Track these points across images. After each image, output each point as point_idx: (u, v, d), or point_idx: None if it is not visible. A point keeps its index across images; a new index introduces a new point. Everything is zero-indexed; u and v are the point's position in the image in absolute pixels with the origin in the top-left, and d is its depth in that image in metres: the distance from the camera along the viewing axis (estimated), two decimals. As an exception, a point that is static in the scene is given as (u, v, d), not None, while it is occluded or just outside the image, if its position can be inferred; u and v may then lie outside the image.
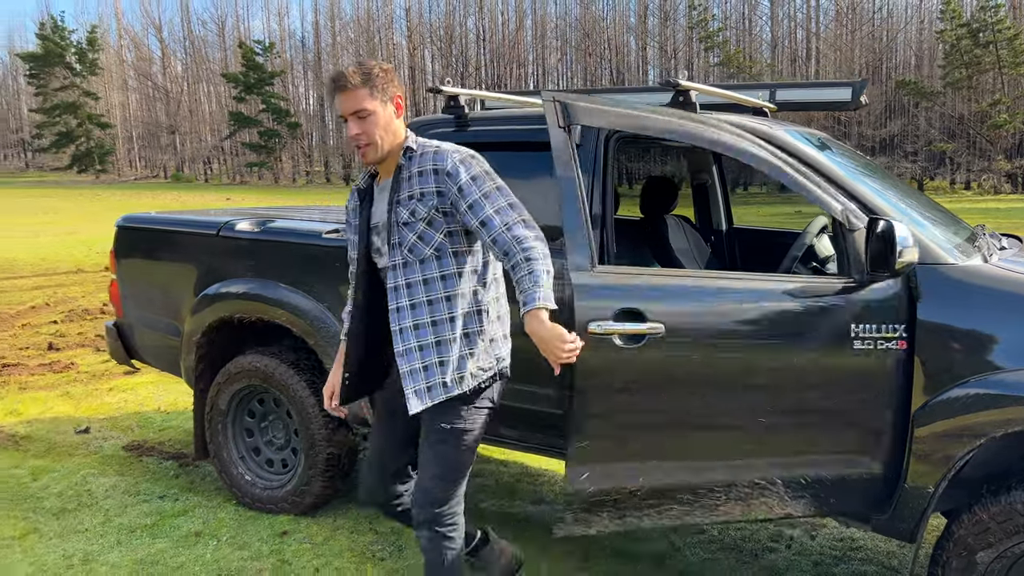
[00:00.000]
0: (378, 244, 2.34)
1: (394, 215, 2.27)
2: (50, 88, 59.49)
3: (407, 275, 2.27)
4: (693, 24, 48.05)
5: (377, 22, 61.36)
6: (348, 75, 2.20)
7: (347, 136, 2.25)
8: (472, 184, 2.22)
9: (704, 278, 2.63)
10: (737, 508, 2.56)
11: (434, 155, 2.26)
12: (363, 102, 2.20)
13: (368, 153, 2.24)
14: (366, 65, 2.23)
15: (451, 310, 2.26)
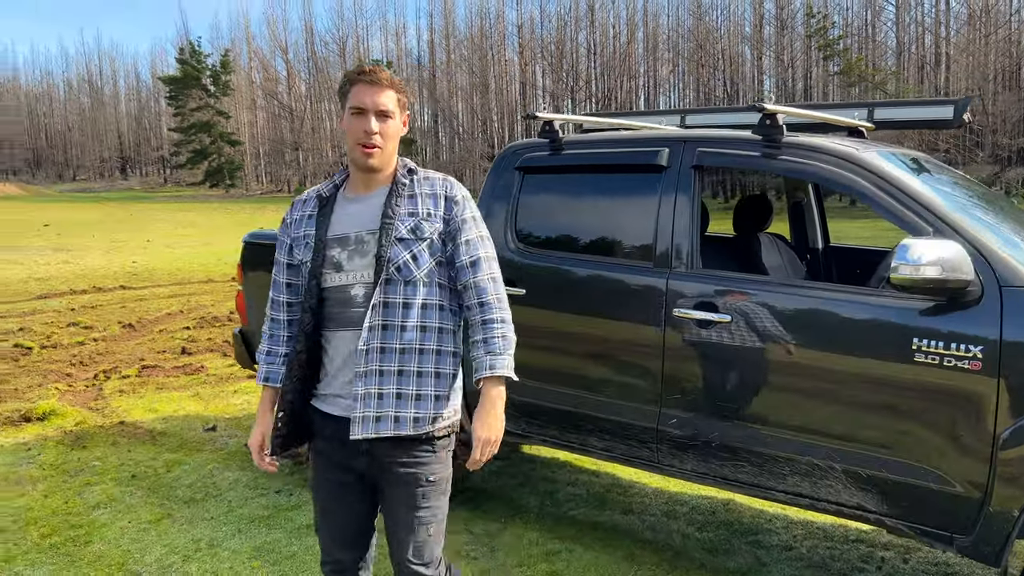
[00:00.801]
0: (339, 258, 2.10)
1: (392, 229, 2.06)
2: (187, 108, 63.73)
3: (387, 294, 2.05)
4: (811, 32, 46.64)
5: (490, 39, 62.60)
6: (381, 71, 2.09)
7: (355, 129, 2.06)
8: (474, 222, 2.15)
9: (767, 283, 2.99)
10: (805, 483, 2.78)
11: (443, 181, 2.17)
12: (391, 104, 2.08)
13: (374, 156, 2.07)
14: (394, 75, 2.14)
15: (424, 341, 2.08)
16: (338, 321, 2.10)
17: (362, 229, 2.10)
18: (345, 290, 2.09)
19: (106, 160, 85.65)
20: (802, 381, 2.77)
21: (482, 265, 2.13)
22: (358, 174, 2.14)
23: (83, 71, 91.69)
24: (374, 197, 2.13)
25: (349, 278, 2.08)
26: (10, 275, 13.50)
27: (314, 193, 2.21)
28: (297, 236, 2.18)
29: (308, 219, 2.17)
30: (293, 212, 2.22)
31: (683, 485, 4.20)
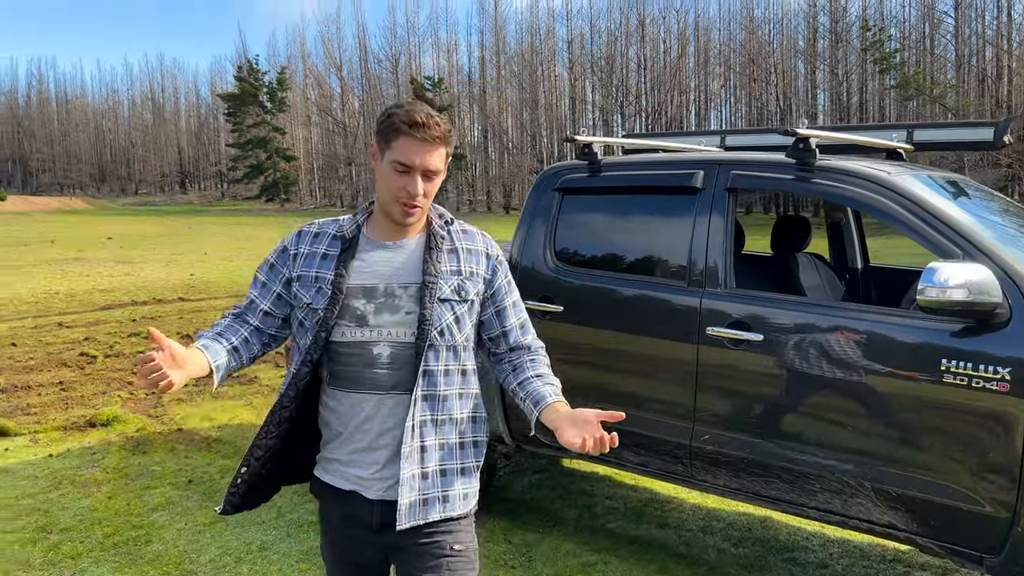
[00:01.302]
0: (363, 311, 1.82)
1: (435, 287, 1.83)
2: (244, 125, 65.45)
3: (429, 361, 1.82)
4: (867, 45, 45.89)
5: (540, 55, 63.03)
6: (434, 126, 1.79)
7: (396, 186, 1.80)
8: (513, 282, 2.02)
9: (800, 303, 3.06)
10: (836, 501, 2.82)
11: (483, 237, 1.98)
12: (440, 162, 1.83)
13: (414, 216, 1.83)
14: (443, 121, 1.83)
15: (463, 409, 1.90)
16: (354, 381, 1.83)
17: (393, 281, 1.84)
18: (366, 348, 1.81)
19: (167, 175, 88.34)
20: (833, 400, 2.83)
21: (530, 326, 2.02)
22: (388, 222, 1.87)
23: (146, 88, 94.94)
24: (406, 246, 1.88)
25: (373, 335, 1.81)
26: (77, 286, 14.07)
27: (331, 229, 1.92)
28: (305, 275, 1.87)
29: (323, 259, 1.87)
30: (300, 243, 1.92)
31: (720, 501, 4.25)
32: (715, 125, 60.79)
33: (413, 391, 1.80)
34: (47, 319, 10.60)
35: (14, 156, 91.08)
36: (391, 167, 1.80)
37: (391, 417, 1.83)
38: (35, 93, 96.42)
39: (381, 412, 1.83)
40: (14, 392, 6.70)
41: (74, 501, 4.32)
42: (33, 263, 18.36)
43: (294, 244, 1.93)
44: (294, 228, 1.92)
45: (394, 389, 1.82)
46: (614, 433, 1.69)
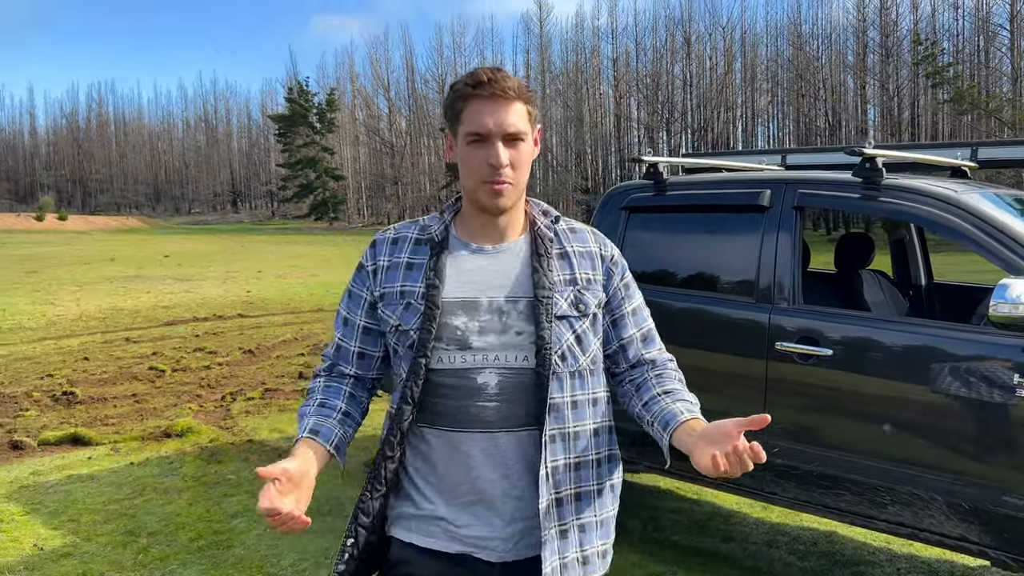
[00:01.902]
0: (464, 331, 1.52)
1: (551, 302, 1.54)
2: (294, 145, 66.90)
3: (553, 392, 1.51)
4: (919, 60, 45.20)
5: (585, 73, 63.35)
6: (503, 79, 1.50)
7: (476, 162, 1.51)
8: (634, 285, 1.72)
9: (867, 318, 3.14)
10: (906, 513, 2.86)
11: (594, 235, 1.69)
12: (521, 121, 1.52)
13: (505, 194, 1.52)
14: (513, 77, 1.54)
15: (599, 448, 1.61)
16: (452, 418, 1.52)
17: (498, 294, 1.53)
18: (469, 376, 1.51)
19: (219, 194, 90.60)
20: (903, 414, 2.88)
21: (655, 337, 1.73)
22: (480, 217, 1.58)
23: (200, 110, 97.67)
24: (508, 250, 1.58)
25: (478, 360, 1.51)
26: (140, 303, 14.56)
27: (412, 233, 1.63)
28: (390, 290, 1.58)
29: (408, 269, 1.58)
30: (378, 255, 1.62)
31: (784, 515, 4.28)
32: (762, 141, 60.26)
33: (543, 430, 1.49)
34: (115, 334, 11.01)
35: (74, 177, 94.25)
36: (466, 145, 1.51)
37: (506, 461, 1.51)
38: (94, 116, 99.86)
39: (494, 455, 1.51)
40: (91, 404, 7.00)
41: (158, 507, 4.53)
42: (96, 280, 19.03)
43: (370, 258, 1.63)
44: (344, 246, 1.69)
45: (506, 426, 1.51)
46: (755, 443, 1.34)
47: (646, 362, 1.69)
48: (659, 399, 1.61)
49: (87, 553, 3.91)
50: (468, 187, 1.56)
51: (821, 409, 3.09)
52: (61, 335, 10.94)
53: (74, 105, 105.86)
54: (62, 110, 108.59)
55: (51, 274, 20.87)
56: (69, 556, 3.87)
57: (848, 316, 3.13)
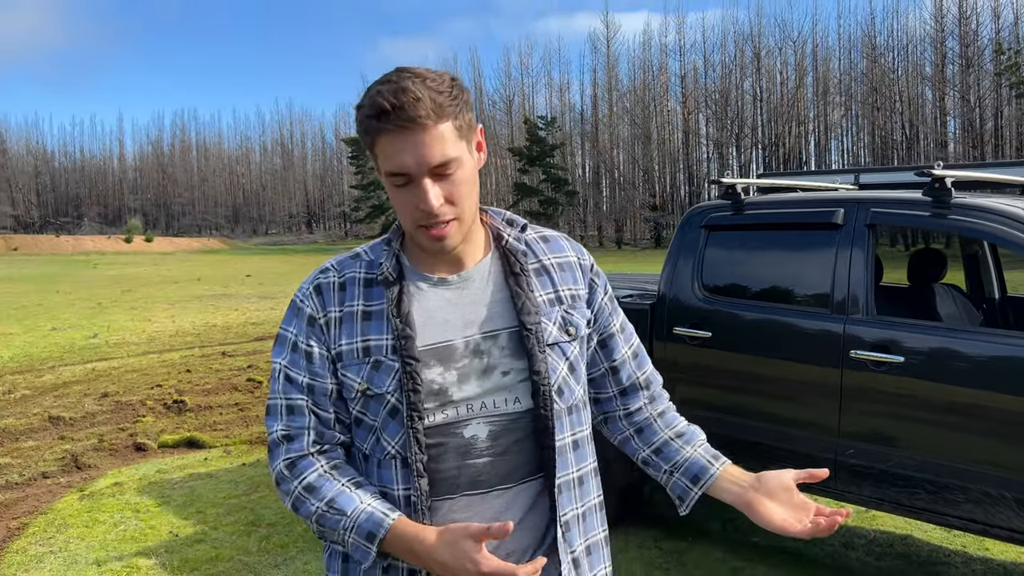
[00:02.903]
0: (441, 383, 1.28)
1: (539, 329, 1.31)
2: (367, 167, 68.55)
3: (555, 433, 1.31)
4: (1002, 69, 43.90)
5: (652, 91, 63.38)
6: (412, 102, 1.18)
7: (405, 206, 1.25)
8: (613, 296, 1.50)
9: (938, 328, 3.40)
10: (978, 511, 3.05)
11: (568, 242, 1.46)
12: (449, 146, 1.22)
13: (448, 236, 1.26)
14: (437, 80, 1.22)
15: (599, 490, 1.43)
16: (442, 484, 1.28)
17: (473, 332, 1.30)
18: (455, 433, 1.28)
19: (294, 215, 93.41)
20: (973, 416, 3.07)
21: (644, 353, 1.53)
22: None
23: (276, 135, 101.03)
24: (474, 276, 1.34)
25: (462, 412, 1.29)
26: (231, 320, 15.35)
27: (358, 270, 1.34)
28: (349, 348, 1.29)
29: (366, 320, 1.30)
30: (325, 304, 1.32)
31: (859, 519, 4.46)
32: (836, 156, 59.18)
33: (551, 481, 1.30)
34: (211, 348, 11.70)
35: (159, 200, 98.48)
36: (389, 184, 1.25)
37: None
38: (178, 142, 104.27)
39: (489, 520, 1.23)
40: (200, 411, 7.57)
41: (272, 502, 4.97)
42: (186, 299, 20.04)
43: (319, 308, 1.31)
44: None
45: (504, 483, 1.29)
46: (841, 509, 1.31)
47: (640, 386, 1.49)
48: (673, 444, 1.45)
49: (216, 539, 4.36)
50: (406, 229, 1.31)
51: (893, 413, 3.30)
52: (162, 349, 11.68)
53: (159, 132, 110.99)
54: (148, 137, 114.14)
55: (144, 293, 22.06)
56: (201, 542, 4.33)
57: (919, 326, 3.34)
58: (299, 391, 1.32)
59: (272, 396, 1.34)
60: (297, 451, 1.31)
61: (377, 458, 1.31)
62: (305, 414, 1.31)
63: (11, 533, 4.55)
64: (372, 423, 1.30)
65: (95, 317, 15.81)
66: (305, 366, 1.32)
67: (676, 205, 59.96)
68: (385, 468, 1.30)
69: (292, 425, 1.31)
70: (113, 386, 8.78)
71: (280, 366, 1.34)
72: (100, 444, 6.35)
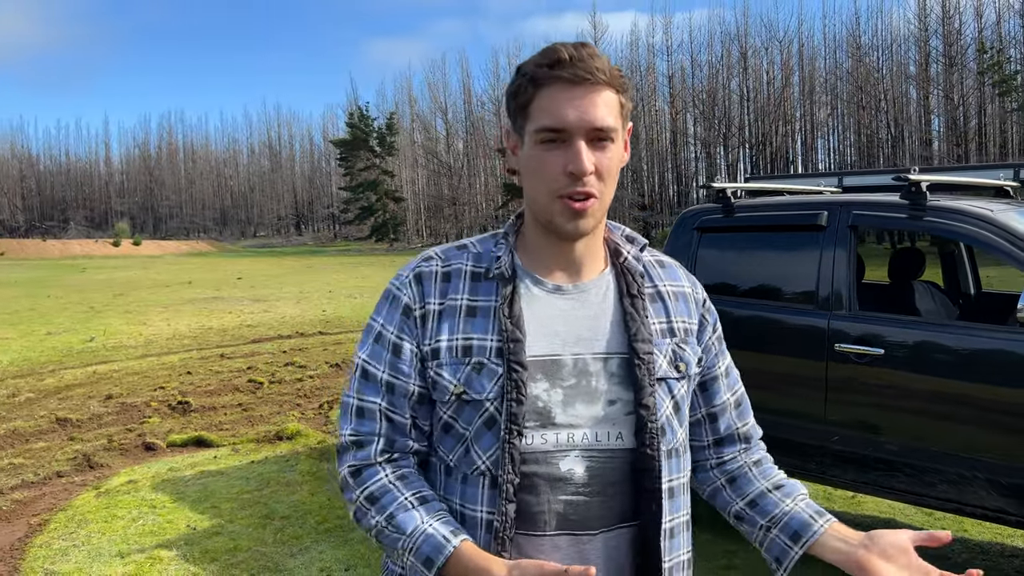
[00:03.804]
0: (547, 401, 1.15)
1: (652, 359, 1.20)
2: (355, 169, 68.75)
3: (662, 477, 1.20)
4: (984, 68, 44.47)
5: (640, 91, 63.72)
6: (590, 57, 1.12)
7: (549, 168, 1.13)
8: (723, 336, 1.38)
9: (915, 322, 3.62)
10: (953, 490, 3.28)
11: (685, 272, 1.36)
12: (611, 115, 1.14)
13: (588, 213, 1.15)
14: (606, 58, 1.15)
15: (689, 544, 1.33)
16: (530, 519, 1.16)
17: (584, 350, 1.18)
18: (551, 462, 1.16)
19: (282, 218, 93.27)
20: (947, 404, 3.31)
21: (748, 404, 1.41)
22: (553, 244, 1.21)
23: (264, 137, 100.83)
24: (591, 290, 1.23)
25: (562, 440, 1.16)
26: (226, 323, 15.50)
27: (465, 262, 1.22)
28: (449, 344, 1.17)
29: (470, 315, 1.18)
30: (427, 295, 1.20)
31: (845, 504, 4.69)
32: (822, 154, 59.71)
33: (651, 527, 1.19)
34: (209, 351, 11.86)
35: (146, 203, 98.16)
36: (536, 144, 1.13)
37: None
38: (165, 145, 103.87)
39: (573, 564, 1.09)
40: (205, 412, 7.75)
41: (284, 497, 5.16)
42: (179, 302, 20.14)
43: (417, 298, 1.19)
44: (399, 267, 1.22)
45: (595, 527, 1.18)
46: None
47: (739, 439, 1.38)
48: (771, 497, 1.32)
49: (233, 532, 4.55)
50: (537, 203, 1.17)
51: (876, 403, 3.54)
52: (160, 352, 11.83)
53: (146, 134, 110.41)
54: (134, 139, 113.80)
55: (136, 296, 22.13)
56: (218, 534, 4.52)
57: (899, 320, 3.58)
58: (375, 391, 1.20)
59: (347, 394, 1.24)
60: (363, 459, 1.19)
61: (463, 472, 1.17)
62: (377, 419, 1.20)
63: (33, 529, 4.73)
64: (464, 431, 1.17)
65: (89, 321, 15.92)
66: (389, 360, 1.20)
67: (664, 204, 60.35)
68: (471, 485, 1.16)
69: (361, 430, 1.20)
70: (116, 388, 8.94)
71: (360, 361, 1.23)
72: (110, 444, 6.52)
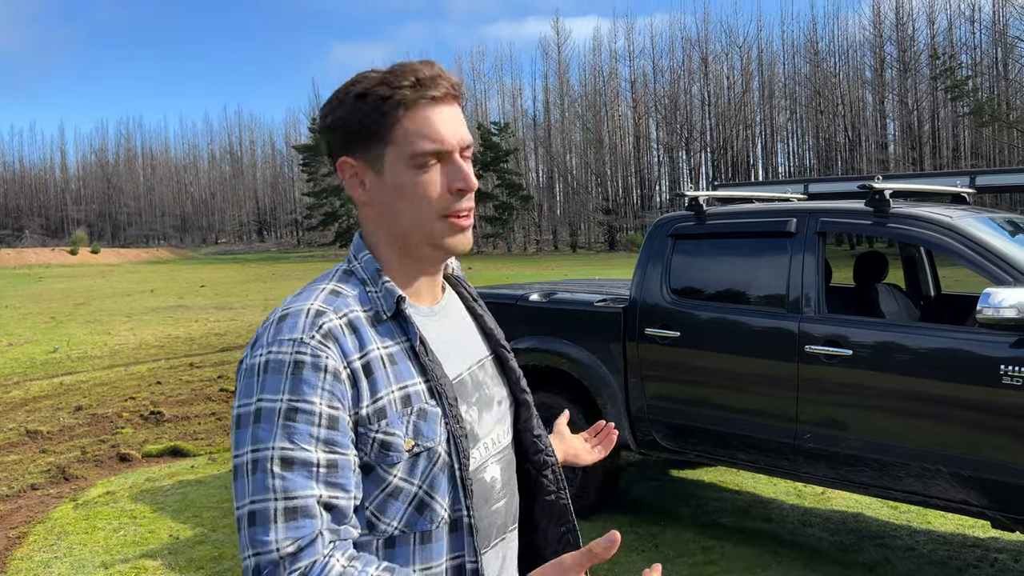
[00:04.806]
0: (471, 422, 1.16)
1: (510, 355, 1.30)
2: (319, 174, 68.20)
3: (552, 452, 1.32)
4: (937, 74, 45.61)
5: (603, 96, 64.28)
6: (448, 74, 1.12)
7: (433, 190, 1.10)
8: None
9: (881, 323, 3.76)
10: (918, 483, 3.43)
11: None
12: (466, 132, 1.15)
13: (470, 229, 1.16)
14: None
15: None
16: (483, 540, 1.16)
17: (470, 363, 1.21)
18: (480, 476, 1.17)
19: (244, 224, 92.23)
20: (912, 401, 3.47)
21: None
22: (422, 270, 1.18)
23: (225, 142, 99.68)
24: (449, 304, 1.25)
25: (482, 452, 1.18)
26: (193, 331, 15.35)
27: (356, 307, 1.11)
28: (387, 399, 1.07)
29: (391, 362, 1.09)
30: (346, 351, 1.06)
31: (816, 500, 4.87)
32: (782, 158, 60.75)
33: (562, 519, 1.28)
34: (178, 360, 11.76)
35: (104, 211, 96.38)
36: (409, 169, 1.09)
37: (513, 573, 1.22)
38: (123, 151, 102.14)
39: (508, 568, 1.21)
40: (178, 421, 7.71)
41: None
42: (143, 311, 19.88)
43: (339, 357, 1.05)
44: (290, 331, 1.05)
45: (512, 525, 1.23)
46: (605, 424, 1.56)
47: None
48: None
49: (216, 541, 4.57)
50: (418, 228, 1.12)
51: (844, 401, 3.69)
52: (128, 362, 11.70)
53: (103, 141, 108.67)
54: (91, 146, 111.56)
55: (98, 306, 21.79)
56: (202, 543, 4.54)
57: (864, 322, 3.74)
58: (305, 480, 0.99)
59: (254, 498, 0.98)
60: (308, 556, 0.97)
61: (419, 532, 1.07)
62: (315, 514, 0.99)
63: (12, 542, 4.70)
64: (415, 489, 1.07)
65: (52, 332, 15.67)
66: (323, 436, 1.01)
67: (628, 209, 60.88)
68: (434, 541, 1.08)
69: (299, 535, 0.98)
70: (85, 399, 8.85)
71: (272, 453, 0.99)
72: (84, 456, 6.48)
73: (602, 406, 4.50)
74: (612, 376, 4.47)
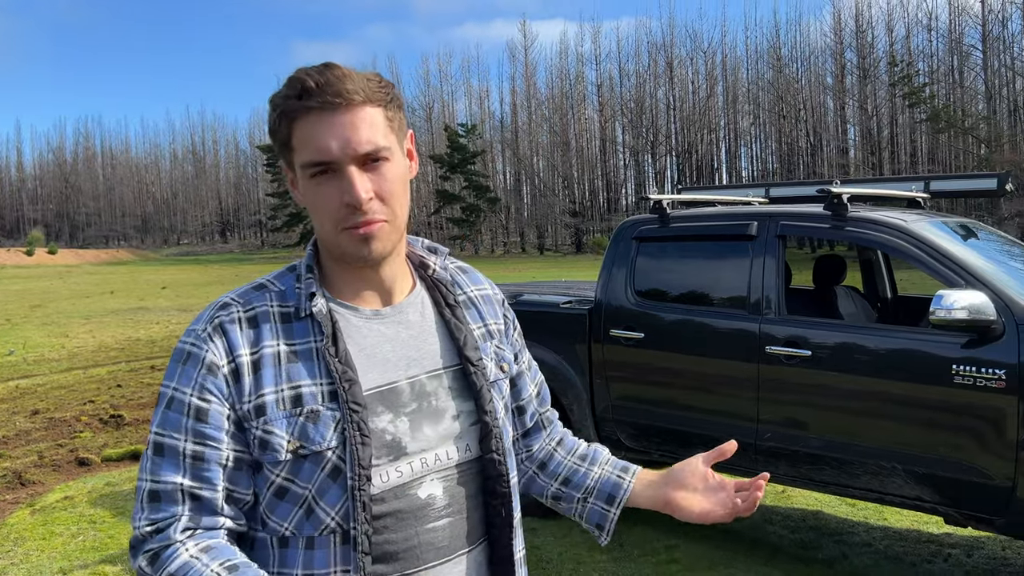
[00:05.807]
0: (394, 432, 1.11)
1: (482, 365, 1.21)
2: (283, 175, 67.56)
3: (513, 472, 1.24)
4: (895, 80, 46.59)
5: (570, 99, 64.61)
6: (341, 79, 1.06)
7: (325, 203, 1.08)
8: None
9: (839, 325, 3.88)
10: (875, 481, 3.51)
11: (481, 275, 1.36)
12: (378, 134, 1.08)
13: (380, 237, 1.10)
14: (366, 72, 1.11)
15: (523, 546, 1.29)
16: (396, 557, 1.11)
17: (417, 371, 1.16)
18: (409, 494, 1.12)
19: (207, 224, 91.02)
20: (868, 401, 3.55)
21: (546, 390, 1.44)
22: (356, 271, 1.16)
23: (188, 142, 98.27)
24: (408, 308, 1.20)
25: (416, 467, 1.13)
26: (154, 333, 15.12)
27: (270, 303, 1.13)
28: (272, 398, 1.07)
29: (291, 360, 1.09)
30: (233, 346, 1.08)
31: (776, 498, 4.95)
32: (745, 162, 61.59)
33: (509, 544, 1.20)
34: (139, 363, 11.58)
35: (62, 211, 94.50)
36: (308, 179, 1.09)
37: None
38: (82, 150, 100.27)
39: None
40: (139, 425, 7.60)
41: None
42: (102, 313, 19.53)
43: (223, 351, 1.07)
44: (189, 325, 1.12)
45: (465, 544, 1.17)
46: (761, 474, 1.28)
47: (543, 425, 1.41)
48: (580, 469, 1.37)
49: (178, 545, 4.51)
50: (325, 238, 1.13)
51: (804, 401, 3.77)
52: (87, 365, 11.49)
53: (61, 139, 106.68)
54: (48, 144, 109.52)
55: (55, 308, 21.36)
56: (164, 548, 4.48)
57: (823, 323, 3.82)
58: (173, 467, 1.04)
59: (139, 476, 1.07)
60: (161, 540, 1.03)
61: (305, 537, 1.07)
62: (178, 500, 1.04)
63: (-34, 549, 4.60)
64: (302, 491, 1.07)
65: (7, 334, 15.33)
66: (190, 427, 1.05)
67: (595, 211, 61.23)
68: (319, 547, 1.07)
69: (158, 517, 1.04)
70: (42, 403, 8.68)
71: (151, 436, 1.07)
72: (41, 460, 6.35)
73: (568, 407, 4.53)
74: (577, 377, 4.51)
